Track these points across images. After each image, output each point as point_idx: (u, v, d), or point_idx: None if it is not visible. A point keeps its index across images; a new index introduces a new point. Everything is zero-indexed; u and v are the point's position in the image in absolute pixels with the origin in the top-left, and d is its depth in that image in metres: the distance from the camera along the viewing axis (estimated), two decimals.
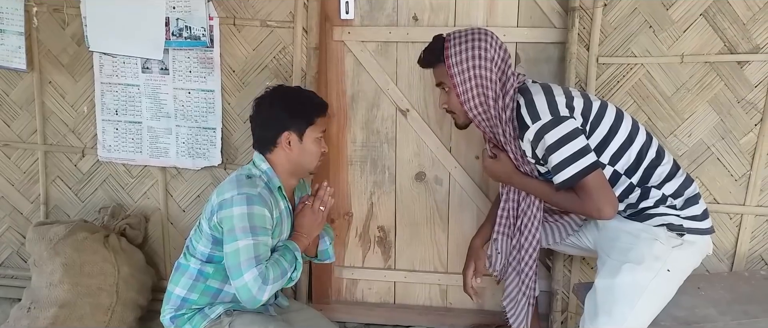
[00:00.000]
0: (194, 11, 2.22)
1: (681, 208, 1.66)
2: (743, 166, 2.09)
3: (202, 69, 2.28)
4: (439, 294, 2.51)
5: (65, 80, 2.43)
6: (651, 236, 1.67)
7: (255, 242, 1.62)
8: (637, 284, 1.63)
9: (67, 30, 2.37)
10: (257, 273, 1.60)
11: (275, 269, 1.65)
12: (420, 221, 2.43)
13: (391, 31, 2.25)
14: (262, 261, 1.63)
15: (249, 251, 1.61)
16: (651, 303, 1.66)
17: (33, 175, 2.55)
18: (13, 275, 2.65)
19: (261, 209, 1.65)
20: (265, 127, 1.78)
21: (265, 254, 1.65)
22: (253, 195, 1.65)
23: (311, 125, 1.76)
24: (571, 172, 1.60)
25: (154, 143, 2.40)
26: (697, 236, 1.68)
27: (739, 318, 1.75)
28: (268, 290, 1.61)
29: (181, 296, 1.77)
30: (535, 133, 1.62)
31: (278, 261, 1.68)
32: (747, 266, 2.16)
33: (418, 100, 2.31)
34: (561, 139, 1.59)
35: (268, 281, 1.61)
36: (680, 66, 2.04)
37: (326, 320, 1.97)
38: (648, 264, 1.64)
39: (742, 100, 2.03)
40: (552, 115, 1.60)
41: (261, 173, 1.77)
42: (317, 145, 1.79)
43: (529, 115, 1.63)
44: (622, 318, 1.62)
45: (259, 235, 1.64)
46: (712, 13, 1.99)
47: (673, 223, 1.66)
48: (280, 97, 1.80)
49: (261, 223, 1.65)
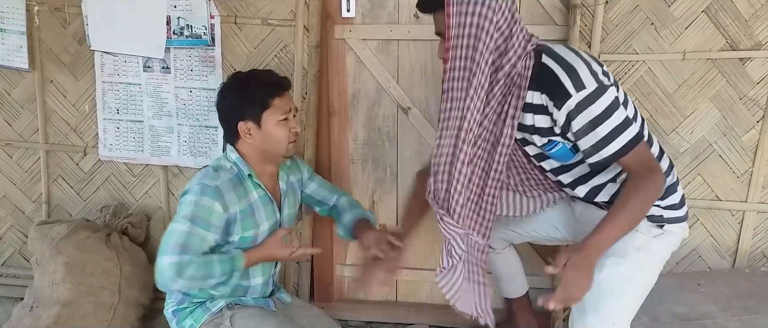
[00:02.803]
0: (195, 10, 2.22)
1: (661, 198, 1.60)
2: (745, 163, 2.09)
3: (204, 68, 2.28)
4: (440, 292, 2.50)
5: (67, 79, 2.43)
6: None
7: (189, 231, 1.59)
8: (622, 277, 1.60)
9: (68, 29, 2.37)
10: (177, 261, 1.55)
11: (200, 269, 1.57)
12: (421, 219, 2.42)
13: (392, 29, 2.25)
14: (190, 252, 1.57)
15: (179, 237, 1.58)
16: (636, 295, 1.64)
17: (35, 174, 2.56)
18: (16, 274, 2.65)
19: (210, 202, 1.62)
20: (223, 120, 1.76)
21: (196, 246, 1.59)
22: (208, 186, 1.64)
23: (267, 109, 1.69)
24: (616, 146, 1.47)
25: (156, 142, 2.40)
26: (675, 225, 1.64)
27: (739, 314, 1.75)
28: (180, 284, 1.56)
29: (181, 292, 1.77)
30: (577, 104, 1.46)
31: (210, 264, 1.60)
32: (749, 263, 2.16)
33: (419, 99, 2.31)
34: (606, 111, 1.45)
35: (184, 275, 1.55)
36: (682, 63, 2.04)
37: (328, 318, 1.97)
38: (631, 256, 1.60)
39: (744, 96, 2.03)
40: (597, 83, 1.45)
41: (231, 163, 1.74)
42: (282, 127, 1.71)
43: (571, 83, 1.46)
44: (610, 314, 1.60)
45: (196, 225, 1.60)
46: (714, 9, 1.98)
47: (653, 214, 1.60)
48: (231, 86, 1.75)
49: (204, 215, 1.61)
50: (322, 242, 2.40)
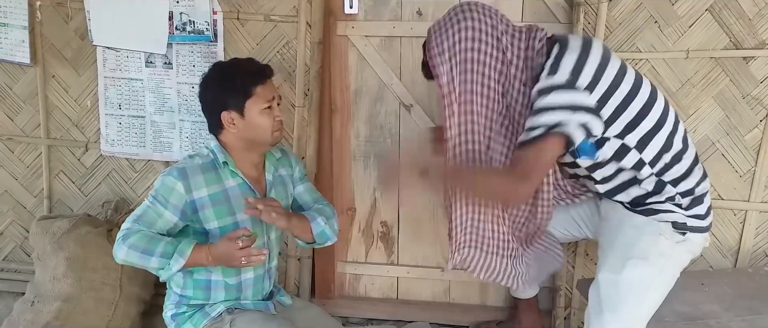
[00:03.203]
0: (198, 5, 2.21)
1: (687, 207, 1.61)
2: (748, 162, 2.08)
3: (206, 63, 2.28)
4: (441, 290, 2.51)
5: (69, 74, 2.43)
6: (656, 230, 1.62)
7: (148, 206, 1.65)
8: (643, 280, 1.61)
9: (70, 24, 2.37)
10: (127, 228, 1.62)
11: (141, 240, 1.60)
12: (423, 216, 2.42)
13: (395, 25, 2.24)
14: (141, 223, 1.63)
15: (138, 211, 1.66)
16: (655, 299, 1.65)
17: (36, 169, 2.56)
18: (17, 269, 2.65)
19: (173, 181, 1.65)
20: (206, 111, 1.76)
21: (150, 219, 1.64)
22: (175, 168, 1.69)
23: (250, 97, 1.68)
24: (529, 135, 1.49)
25: (158, 138, 2.40)
26: (697, 234, 1.64)
27: (743, 314, 1.75)
28: (123, 251, 1.59)
29: (178, 294, 1.77)
30: (541, 88, 1.48)
31: (154, 239, 1.61)
32: (751, 263, 2.15)
33: (421, 96, 2.30)
34: (550, 105, 1.47)
35: (127, 242, 1.59)
36: (685, 61, 2.03)
37: (329, 318, 1.96)
38: (653, 260, 1.61)
39: (748, 95, 2.03)
40: (567, 81, 1.45)
41: (209, 151, 1.75)
42: (266, 116, 1.70)
43: (550, 65, 1.48)
44: (628, 315, 1.60)
45: (156, 202, 1.65)
46: (717, 8, 1.98)
47: (677, 221, 1.61)
48: (213, 76, 1.74)
49: (165, 193, 1.65)
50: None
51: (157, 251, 1.60)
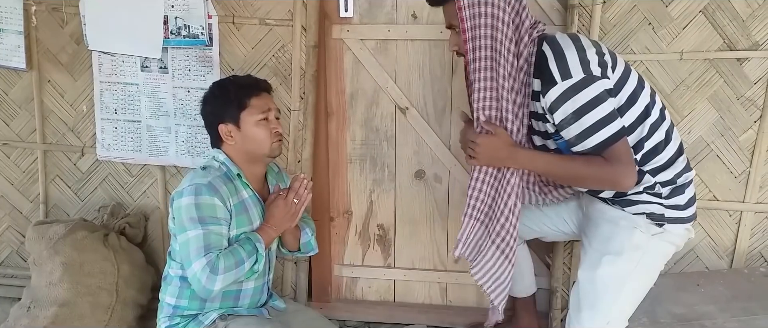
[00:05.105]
0: (193, 10, 2.21)
1: (666, 197, 1.59)
2: (743, 163, 2.09)
3: (202, 67, 2.28)
4: (438, 292, 2.51)
5: (64, 79, 2.43)
6: (630, 224, 1.61)
7: (205, 232, 1.62)
8: (618, 275, 1.60)
9: (65, 29, 2.37)
10: (206, 262, 1.58)
11: (228, 258, 1.61)
12: (419, 219, 2.43)
13: (390, 29, 2.25)
14: (213, 250, 1.61)
15: (199, 241, 1.60)
16: (634, 293, 1.64)
17: (32, 174, 2.55)
18: (13, 275, 2.65)
19: (210, 199, 1.64)
20: (206, 126, 1.81)
21: (216, 243, 1.63)
22: (201, 185, 1.65)
23: (245, 109, 1.72)
24: (600, 138, 1.46)
25: (154, 142, 2.40)
26: (677, 225, 1.62)
27: (738, 315, 1.75)
28: (219, 280, 1.59)
29: (171, 305, 1.77)
30: (561, 93, 1.47)
31: (234, 251, 1.64)
32: (746, 264, 2.16)
33: (417, 98, 2.31)
34: (592, 101, 1.45)
35: (218, 270, 1.58)
36: (679, 63, 2.04)
37: (325, 320, 1.96)
38: (628, 255, 1.60)
39: (742, 97, 2.03)
40: (585, 73, 1.45)
41: (219, 163, 1.76)
42: (262, 127, 1.73)
43: (558, 71, 1.47)
44: (606, 312, 1.60)
45: (208, 224, 1.63)
46: (711, 9, 1.98)
47: (654, 212, 1.59)
48: (210, 91, 1.80)
49: (210, 212, 1.64)
50: (320, 242, 2.38)
51: (243, 257, 1.64)
